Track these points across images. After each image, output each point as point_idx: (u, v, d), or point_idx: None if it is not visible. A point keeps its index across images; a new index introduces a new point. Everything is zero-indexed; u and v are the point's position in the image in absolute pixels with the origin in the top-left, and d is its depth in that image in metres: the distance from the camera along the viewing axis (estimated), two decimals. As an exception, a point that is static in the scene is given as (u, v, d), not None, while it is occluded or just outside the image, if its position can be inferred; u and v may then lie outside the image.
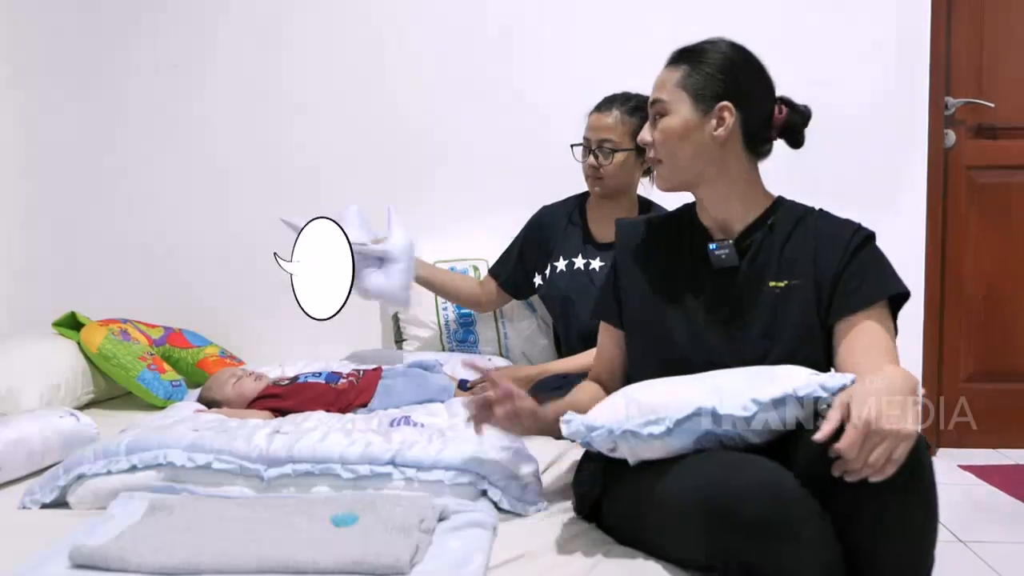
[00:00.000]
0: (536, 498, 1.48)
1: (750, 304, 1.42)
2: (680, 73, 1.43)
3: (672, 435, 1.21)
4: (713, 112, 1.41)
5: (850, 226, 1.44)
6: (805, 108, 1.47)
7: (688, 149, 1.42)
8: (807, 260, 1.41)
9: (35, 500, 1.51)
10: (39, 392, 2.19)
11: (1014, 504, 2.46)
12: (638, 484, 1.27)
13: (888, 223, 2.91)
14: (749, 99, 1.42)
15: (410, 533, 1.22)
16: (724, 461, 1.16)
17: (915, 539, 1.14)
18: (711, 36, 1.47)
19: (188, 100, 2.97)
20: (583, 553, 1.27)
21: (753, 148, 1.45)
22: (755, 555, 1.08)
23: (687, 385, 1.28)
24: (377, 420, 1.74)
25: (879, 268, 1.40)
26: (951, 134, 2.99)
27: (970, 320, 3.04)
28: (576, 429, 1.29)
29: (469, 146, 2.87)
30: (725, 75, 1.41)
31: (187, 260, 2.98)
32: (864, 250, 1.40)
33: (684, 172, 1.45)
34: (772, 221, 1.45)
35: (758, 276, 1.43)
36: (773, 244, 1.44)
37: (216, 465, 1.47)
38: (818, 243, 1.42)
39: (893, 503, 1.11)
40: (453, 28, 2.89)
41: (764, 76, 1.45)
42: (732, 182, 1.45)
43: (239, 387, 2.04)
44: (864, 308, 1.36)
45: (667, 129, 1.43)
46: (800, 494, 1.10)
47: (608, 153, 2.21)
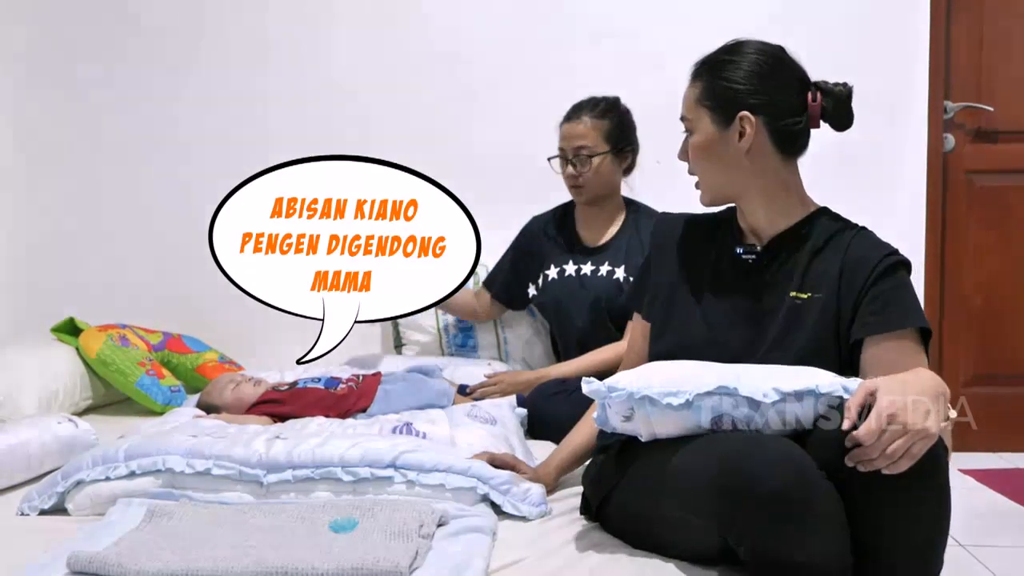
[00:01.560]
0: (539, 501, 1.47)
1: (768, 311, 1.41)
2: (698, 90, 1.44)
3: (690, 408, 1.20)
4: (734, 124, 1.40)
5: (884, 249, 1.39)
6: (844, 87, 1.43)
7: (716, 164, 1.43)
8: (833, 277, 1.38)
9: (33, 506, 1.50)
10: (37, 398, 2.18)
11: (1015, 508, 2.45)
12: (652, 465, 1.27)
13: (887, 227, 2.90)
14: (771, 101, 1.40)
15: (409, 538, 1.22)
16: (742, 439, 1.16)
17: (925, 538, 1.13)
18: (731, 39, 1.46)
19: (189, 104, 2.97)
20: (583, 557, 1.27)
21: (787, 148, 1.43)
22: (771, 530, 1.07)
23: (713, 368, 1.28)
24: (379, 427, 1.74)
25: (906, 296, 1.35)
26: (950, 138, 2.99)
27: (969, 324, 3.04)
28: (596, 388, 1.28)
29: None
30: (742, 84, 1.39)
31: (186, 265, 2.98)
32: (892, 274, 1.35)
33: (719, 187, 1.45)
34: (806, 232, 1.43)
35: (781, 285, 1.41)
36: (802, 255, 1.41)
37: (215, 471, 1.47)
38: (847, 262, 1.38)
39: (906, 500, 1.10)
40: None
41: (786, 71, 1.43)
42: (767, 189, 1.43)
43: (238, 392, 2.04)
44: (890, 332, 1.32)
45: (695, 147, 1.44)
46: (817, 473, 1.10)
47: (585, 160, 2.24)
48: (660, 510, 1.24)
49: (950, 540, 1.12)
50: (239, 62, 2.97)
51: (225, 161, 2.95)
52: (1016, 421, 3.03)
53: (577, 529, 1.40)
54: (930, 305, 2.94)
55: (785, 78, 1.42)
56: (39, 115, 3.01)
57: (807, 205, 1.47)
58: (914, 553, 1.14)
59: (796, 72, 1.43)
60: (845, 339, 1.36)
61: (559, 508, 1.50)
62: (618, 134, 2.27)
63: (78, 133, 2.99)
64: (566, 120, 2.29)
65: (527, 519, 1.44)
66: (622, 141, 2.28)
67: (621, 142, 2.27)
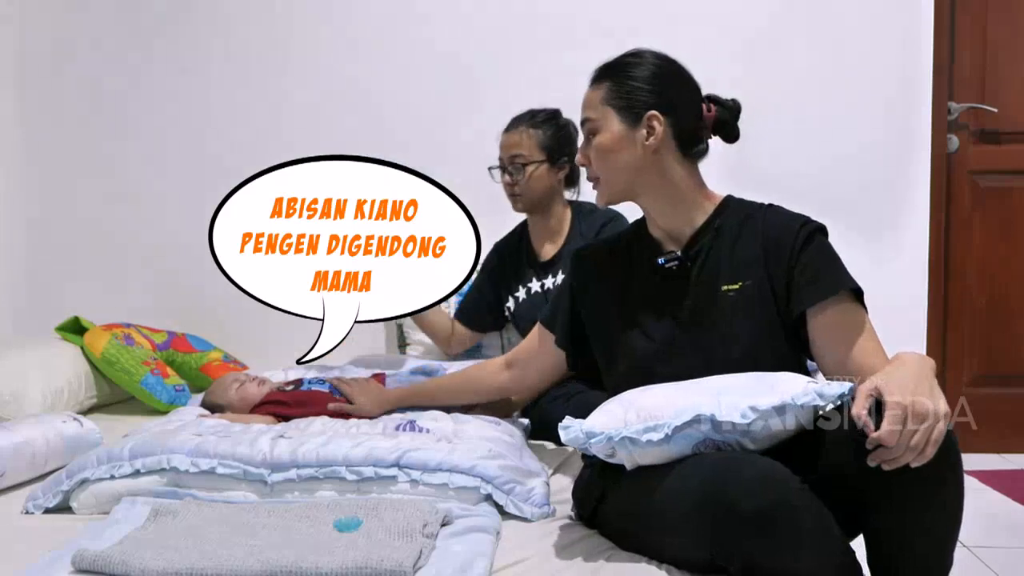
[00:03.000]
0: (543, 502, 1.48)
1: (706, 310, 1.43)
2: (604, 90, 1.46)
3: (671, 441, 1.21)
4: (642, 123, 1.43)
5: (798, 219, 1.43)
6: (733, 102, 1.50)
7: (622, 162, 1.45)
8: (758, 260, 1.41)
9: (38, 505, 1.50)
10: (42, 397, 2.19)
11: (1018, 509, 2.45)
12: (637, 488, 1.28)
13: (891, 228, 2.94)
14: (675, 105, 1.44)
15: (413, 538, 1.22)
16: (721, 460, 1.17)
17: (946, 530, 1.15)
18: (631, 49, 1.50)
19: (193, 102, 2.98)
20: (585, 558, 1.27)
21: (688, 151, 1.47)
22: (758, 549, 1.08)
23: (685, 391, 1.28)
24: (382, 424, 1.74)
25: (830, 261, 1.40)
26: (954, 139, 2.99)
27: (973, 324, 3.04)
28: (574, 436, 1.30)
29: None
30: (648, 85, 1.44)
31: (191, 264, 2.98)
32: (813, 242, 1.40)
33: (622, 184, 1.47)
34: (719, 224, 1.46)
35: (710, 282, 1.44)
36: (722, 247, 1.44)
37: (220, 470, 1.47)
38: (767, 241, 1.42)
39: (924, 493, 1.11)
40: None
41: (687, 79, 1.48)
42: (672, 189, 1.46)
43: (242, 392, 2.04)
44: (828, 298, 1.36)
45: (600, 146, 1.46)
46: (799, 487, 1.11)
47: (519, 168, 2.28)
48: (648, 527, 1.25)
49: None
50: (243, 63, 2.98)
51: (232, 160, 2.97)
52: (1020, 422, 3.02)
53: (579, 531, 1.40)
54: (934, 305, 2.94)
55: (685, 85, 1.48)
56: (44, 114, 3.01)
57: (712, 199, 1.51)
58: (936, 546, 1.15)
59: (693, 82, 1.49)
60: (787, 315, 1.39)
61: (563, 510, 1.50)
62: (554, 144, 2.31)
63: (84, 133, 3.00)
64: (504, 131, 2.35)
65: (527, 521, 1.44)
66: (558, 152, 2.31)
67: (557, 152, 2.31)
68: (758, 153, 2.81)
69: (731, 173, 2.78)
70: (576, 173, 2.39)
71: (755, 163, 2.79)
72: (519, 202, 2.33)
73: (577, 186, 2.41)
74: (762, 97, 2.83)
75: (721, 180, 1.51)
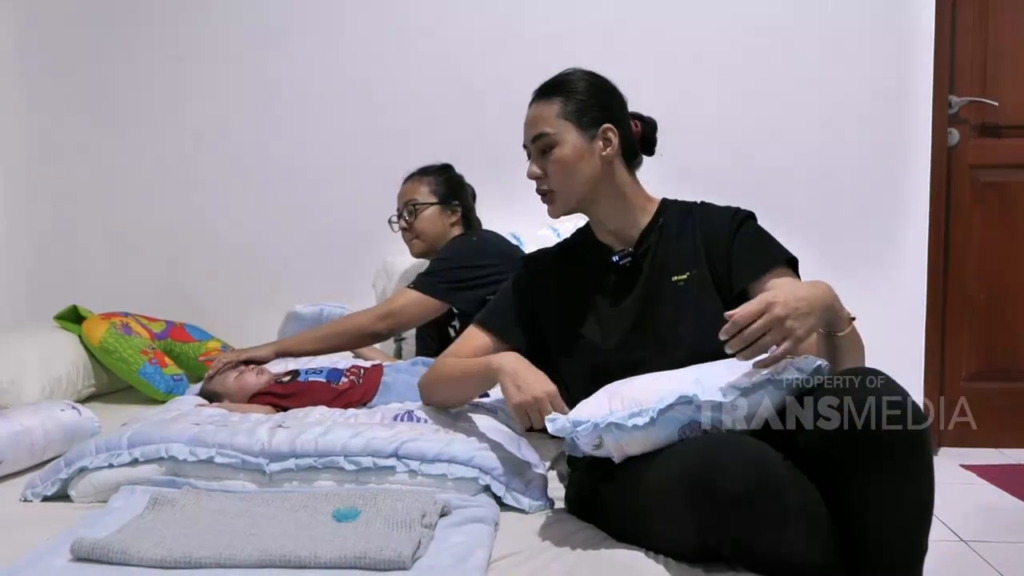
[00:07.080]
0: (540, 494, 1.48)
1: (659, 301, 1.51)
2: (557, 106, 1.52)
3: (656, 424, 1.23)
4: (598, 135, 1.51)
5: (729, 210, 1.56)
6: (650, 119, 1.62)
7: (583, 173, 1.52)
8: (699, 251, 1.52)
9: (36, 493, 1.50)
10: (41, 385, 2.19)
11: (1016, 504, 2.46)
12: (624, 479, 1.29)
13: (891, 222, 2.94)
14: (619, 117, 1.55)
15: (412, 528, 1.22)
16: (706, 442, 1.19)
17: (912, 518, 1.15)
18: (564, 69, 1.56)
19: (192, 94, 2.97)
20: (583, 548, 1.27)
21: (630, 161, 1.58)
22: (744, 530, 1.09)
23: (668, 379, 1.31)
24: (380, 415, 1.74)
25: (764, 240, 1.52)
26: (955, 132, 2.98)
27: (972, 319, 3.04)
28: (561, 426, 1.31)
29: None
30: (597, 99, 1.53)
31: (189, 254, 2.98)
32: (745, 226, 1.52)
33: (581, 195, 1.54)
34: (662, 222, 1.56)
35: (660, 274, 1.53)
36: (668, 243, 1.55)
37: (218, 459, 1.47)
38: (705, 232, 1.53)
39: (891, 480, 1.12)
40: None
41: (621, 96, 1.58)
42: (622, 194, 1.56)
43: (241, 381, 2.04)
44: (765, 272, 1.45)
45: (562, 159, 1.51)
46: (783, 467, 1.12)
47: (413, 211, 2.39)
48: (639, 517, 1.27)
49: (952, 536, 1.12)
50: (246, 55, 2.97)
51: (229, 153, 2.97)
52: (1018, 417, 3.03)
53: (577, 522, 1.40)
54: (933, 299, 2.93)
55: (623, 103, 1.58)
56: (45, 105, 3.01)
57: (653, 201, 1.61)
58: (900, 533, 1.14)
59: (625, 102, 1.59)
60: (731, 294, 1.46)
61: (561, 502, 1.50)
62: (445, 190, 2.42)
63: (83, 123, 3.00)
64: (402, 184, 2.45)
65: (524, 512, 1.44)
66: (449, 196, 2.42)
67: (448, 197, 2.42)
68: (756, 145, 2.81)
69: (732, 164, 2.80)
70: (472, 215, 2.48)
71: (753, 155, 2.79)
72: (415, 246, 2.43)
73: (473, 227, 2.46)
74: (761, 90, 2.83)
75: (723, 172, 1.52)
